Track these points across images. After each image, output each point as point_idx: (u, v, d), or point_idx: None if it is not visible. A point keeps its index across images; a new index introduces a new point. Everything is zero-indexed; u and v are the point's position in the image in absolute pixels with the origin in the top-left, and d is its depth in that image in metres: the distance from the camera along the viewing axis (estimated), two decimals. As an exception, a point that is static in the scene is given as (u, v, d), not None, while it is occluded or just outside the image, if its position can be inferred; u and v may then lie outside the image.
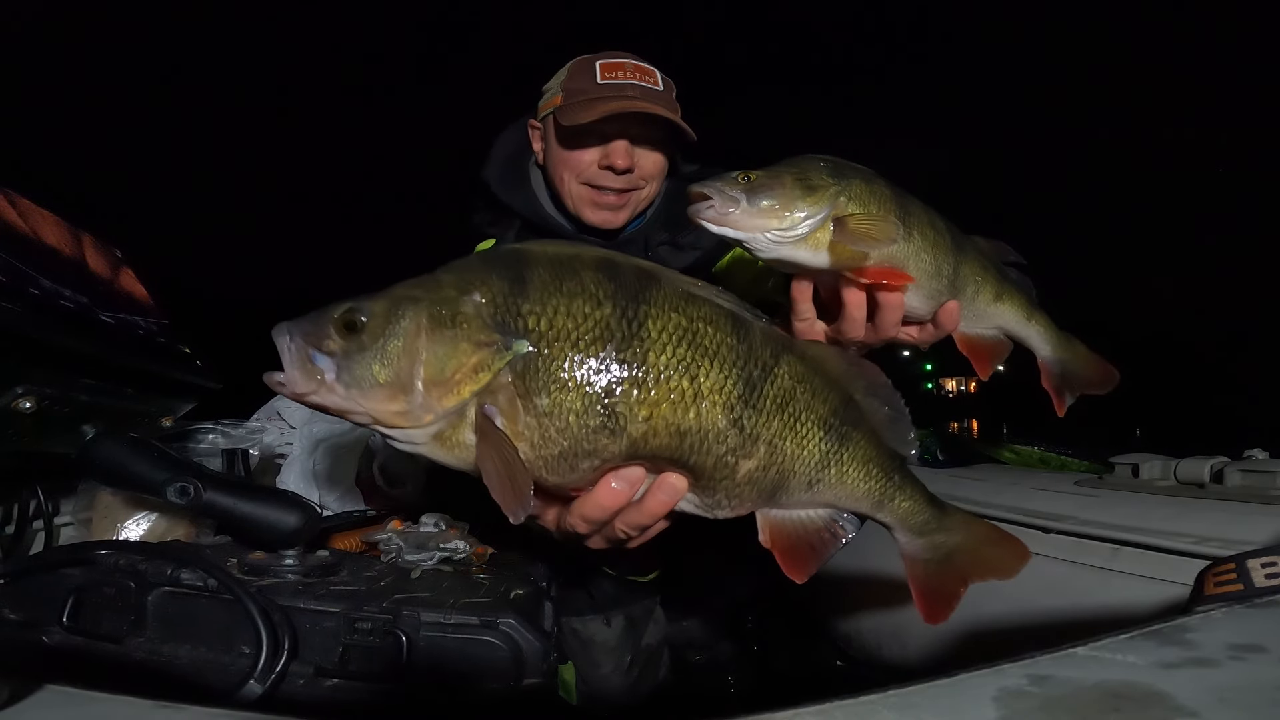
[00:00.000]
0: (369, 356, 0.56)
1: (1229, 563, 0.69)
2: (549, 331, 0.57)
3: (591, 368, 0.57)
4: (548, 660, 0.70)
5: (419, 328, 0.56)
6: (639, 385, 0.57)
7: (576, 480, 0.60)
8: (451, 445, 0.58)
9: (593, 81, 1.19)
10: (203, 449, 1.23)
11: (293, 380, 0.58)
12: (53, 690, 0.42)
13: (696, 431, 0.59)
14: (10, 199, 0.90)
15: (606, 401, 0.57)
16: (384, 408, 0.56)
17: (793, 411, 0.64)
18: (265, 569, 0.79)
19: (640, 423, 0.57)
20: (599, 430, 0.57)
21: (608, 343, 0.57)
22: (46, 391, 0.82)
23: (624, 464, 0.60)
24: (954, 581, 0.78)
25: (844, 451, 0.68)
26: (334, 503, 1.34)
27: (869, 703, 0.39)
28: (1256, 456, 1.30)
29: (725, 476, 0.62)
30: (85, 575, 0.75)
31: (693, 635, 1.68)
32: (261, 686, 0.61)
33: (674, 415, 0.58)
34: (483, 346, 0.56)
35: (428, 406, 0.56)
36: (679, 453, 0.59)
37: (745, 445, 0.62)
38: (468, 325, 0.57)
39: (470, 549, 0.94)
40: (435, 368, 0.56)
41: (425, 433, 0.57)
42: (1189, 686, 0.39)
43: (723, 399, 0.60)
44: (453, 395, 0.56)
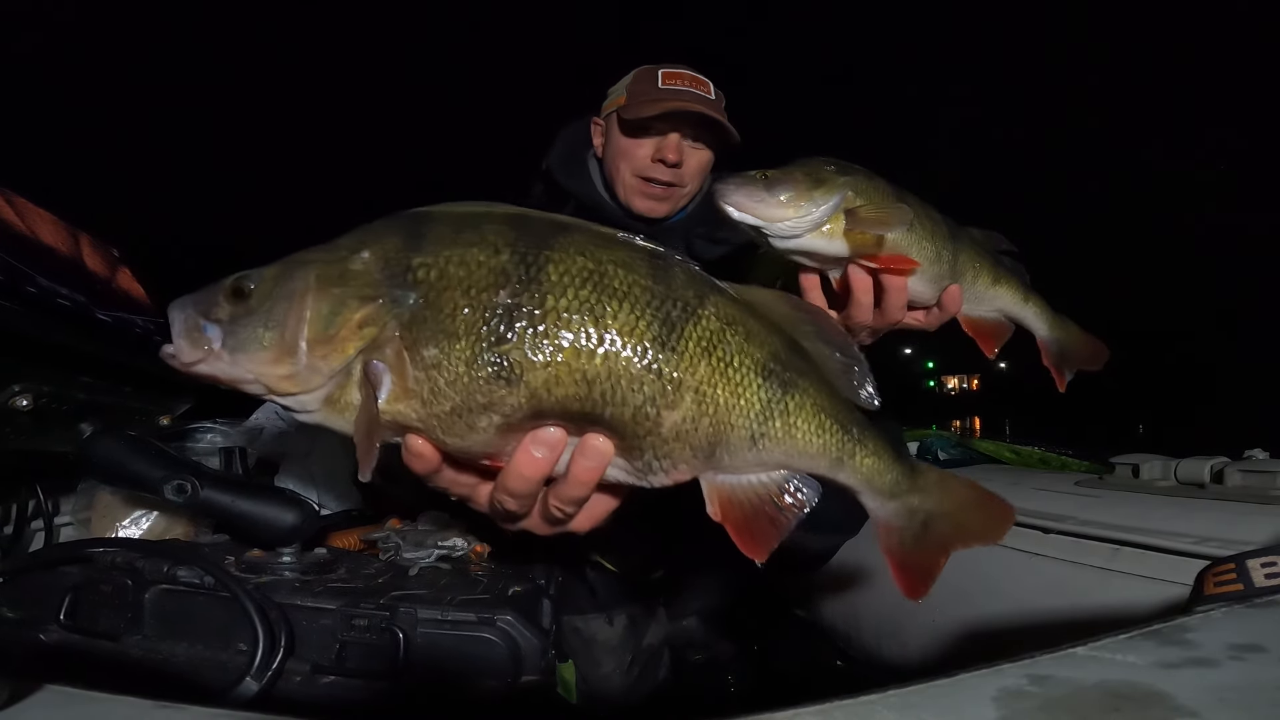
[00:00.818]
0: (255, 320, 0.54)
1: (1229, 563, 0.69)
2: (438, 281, 0.53)
3: (482, 313, 0.53)
4: (545, 658, 0.70)
5: (306, 288, 0.54)
6: (534, 329, 0.53)
7: (480, 443, 0.55)
8: (342, 408, 0.55)
9: (655, 86, 1.36)
10: (201, 448, 1.23)
11: (180, 350, 0.55)
12: (52, 690, 0.42)
13: (606, 378, 0.54)
14: (8, 198, 0.90)
15: (499, 348, 0.52)
16: (271, 371, 0.54)
17: (722, 355, 0.57)
18: (263, 567, 0.79)
19: (539, 369, 0.53)
20: (493, 379, 0.52)
21: (500, 288, 0.53)
22: (44, 389, 0.82)
23: (534, 423, 0.55)
24: (933, 551, 0.71)
25: (789, 400, 0.60)
26: (332, 502, 1.34)
27: (869, 703, 0.38)
28: (1256, 457, 1.30)
29: (649, 431, 0.56)
30: (83, 573, 0.75)
31: (693, 635, 1.68)
32: (258, 684, 0.61)
33: (577, 360, 0.53)
34: (368, 301, 0.53)
35: (314, 367, 0.53)
36: (590, 404, 0.54)
37: (667, 392, 0.55)
38: (355, 282, 0.54)
39: (469, 547, 0.94)
40: (319, 326, 0.53)
41: (316, 397, 0.55)
42: (1189, 686, 0.39)
43: (634, 340, 0.54)
44: (338, 353, 0.53)
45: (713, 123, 1.34)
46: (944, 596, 1.44)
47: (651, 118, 1.33)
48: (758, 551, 0.63)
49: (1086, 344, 1.08)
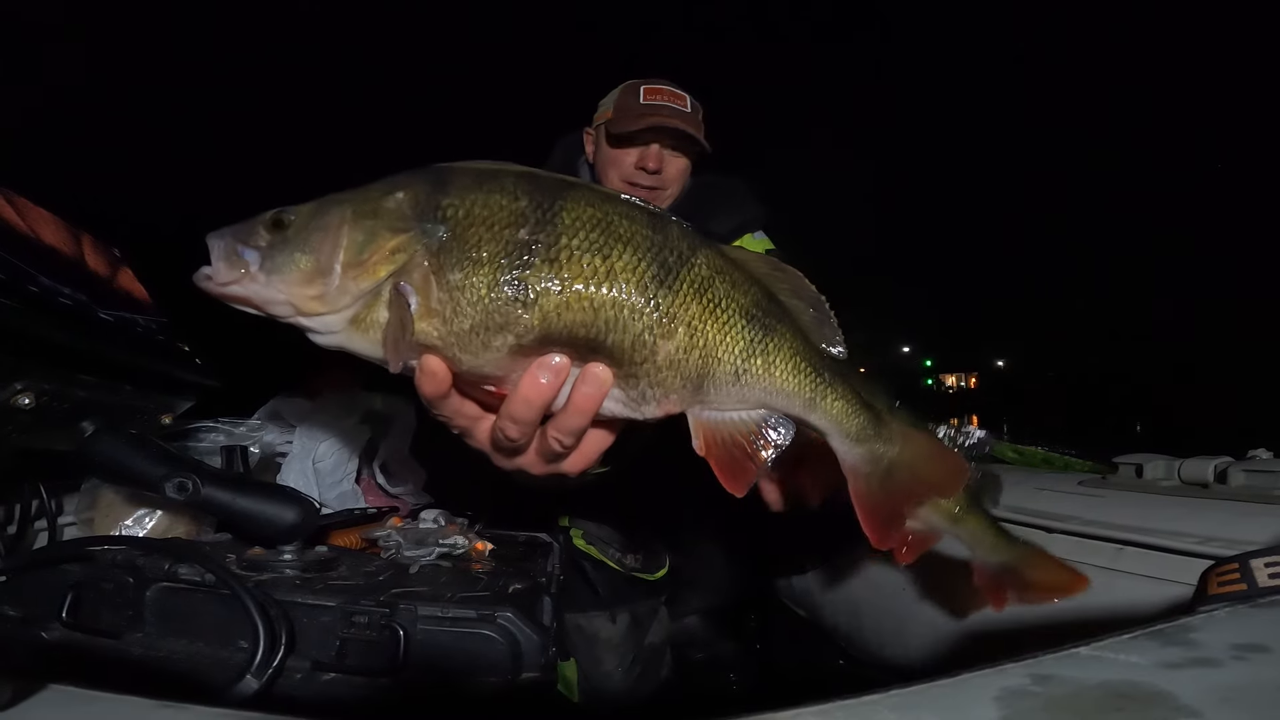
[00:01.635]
0: (292, 245, 0.59)
1: (1232, 563, 0.69)
2: (464, 218, 0.60)
3: (503, 245, 0.59)
4: (546, 655, 0.69)
5: (342, 220, 0.60)
6: (550, 262, 0.59)
7: (491, 363, 0.60)
8: (366, 326, 0.60)
9: (638, 101, 1.52)
10: (202, 446, 1.23)
11: (218, 271, 0.60)
12: (55, 689, 0.42)
13: (611, 306, 0.60)
14: (8, 198, 0.90)
15: (518, 275, 0.58)
16: (302, 291, 0.59)
17: (712, 297, 0.64)
18: (263, 564, 0.79)
19: (553, 295, 0.59)
20: (511, 301, 0.58)
21: (520, 226, 0.60)
22: (46, 388, 0.82)
23: (542, 349, 0.60)
24: (897, 499, 0.74)
25: (769, 341, 0.66)
26: (334, 501, 1.35)
27: (871, 702, 0.38)
28: (1260, 456, 1.30)
29: (646, 359, 0.62)
30: (84, 571, 0.75)
31: (695, 634, 1.69)
32: (258, 681, 0.61)
33: (586, 289, 0.59)
34: (399, 232, 0.59)
35: (344, 289, 0.59)
36: (595, 330, 0.60)
37: (663, 324, 0.62)
38: (387, 216, 0.60)
39: (469, 545, 0.94)
40: (353, 251, 0.59)
41: (342, 317, 0.60)
42: (1192, 686, 0.38)
43: (636, 277, 0.61)
44: (368, 276, 0.59)
45: (687, 134, 1.49)
46: (947, 596, 1.44)
47: (634, 132, 1.49)
48: (736, 486, 0.67)
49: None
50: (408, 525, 0.99)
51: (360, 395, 1.53)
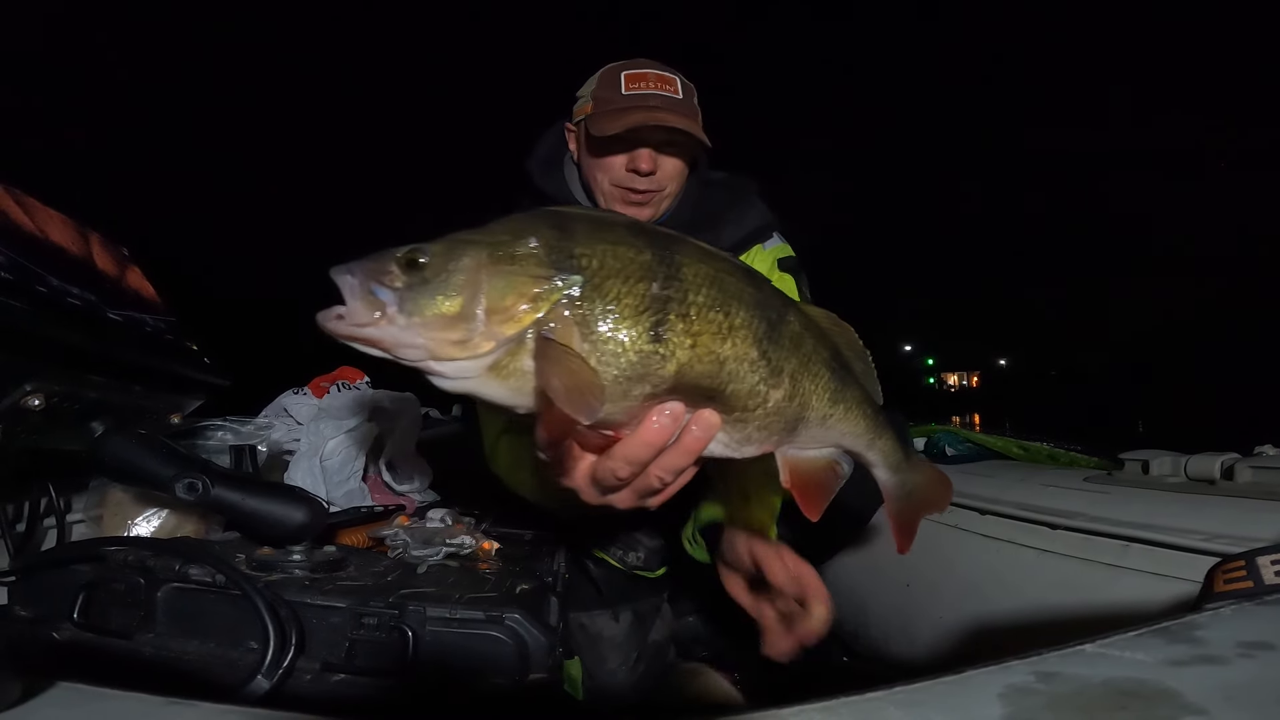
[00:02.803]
0: (432, 289, 0.58)
1: (1239, 560, 0.69)
2: (600, 269, 0.61)
3: (640, 299, 0.61)
4: (553, 655, 0.70)
5: (479, 264, 0.59)
6: (683, 316, 0.62)
7: (625, 409, 0.63)
8: (508, 374, 0.59)
9: (618, 92, 1.30)
10: (211, 446, 1.23)
11: (354, 312, 0.57)
12: (65, 687, 0.43)
13: (733, 360, 0.64)
14: (17, 198, 0.91)
15: (656, 329, 0.61)
16: (443, 336, 0.58)
17: (805, 352, 0.70)
18: (273, 565, 0.79)
19: (686, 349, 0.62)
20: (651, 354, 0.61)
21: (652, 280, 0.62)
22: (55, 389, 0.82)
23: (667, 396, 0.63)
24: (916, 514, 0.87)
25: (846, 391, 0.73)
26: (341, 500, 1.35)
27: (875, 700, 0.38)
28: (1267, 453, 1.29)
29: (758, 406, 0.67)
30: (95, 571, 0.75)
31: (699, 632, 1.69)
32: (269, 682, 0.62)
33: (713, 344, 0.63)
34: (540, 280, 0.59)
35: (489, 334, 0.58)
36: (718, 380, 0.64)
37: (772, 376, 0.67)
38: (525, 262, 0.60)
39: (476, 544, 0.95)
40: (496, 298, 0.58)
41: (480, 364, 0.59)
42: (1198, 684, 0.38)
43: (752, 333, 0.65)
44: (513, 323, 0.58)
45: (680, 130, 1.28)
46: (952, 593, 1.44)
47: (620, 134, 1.27)
48: (814, 512, 0.76)
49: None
50: (415, 524, 1.00)
51: (366, 393, 1.53)
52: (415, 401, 1.64)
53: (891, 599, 1.59)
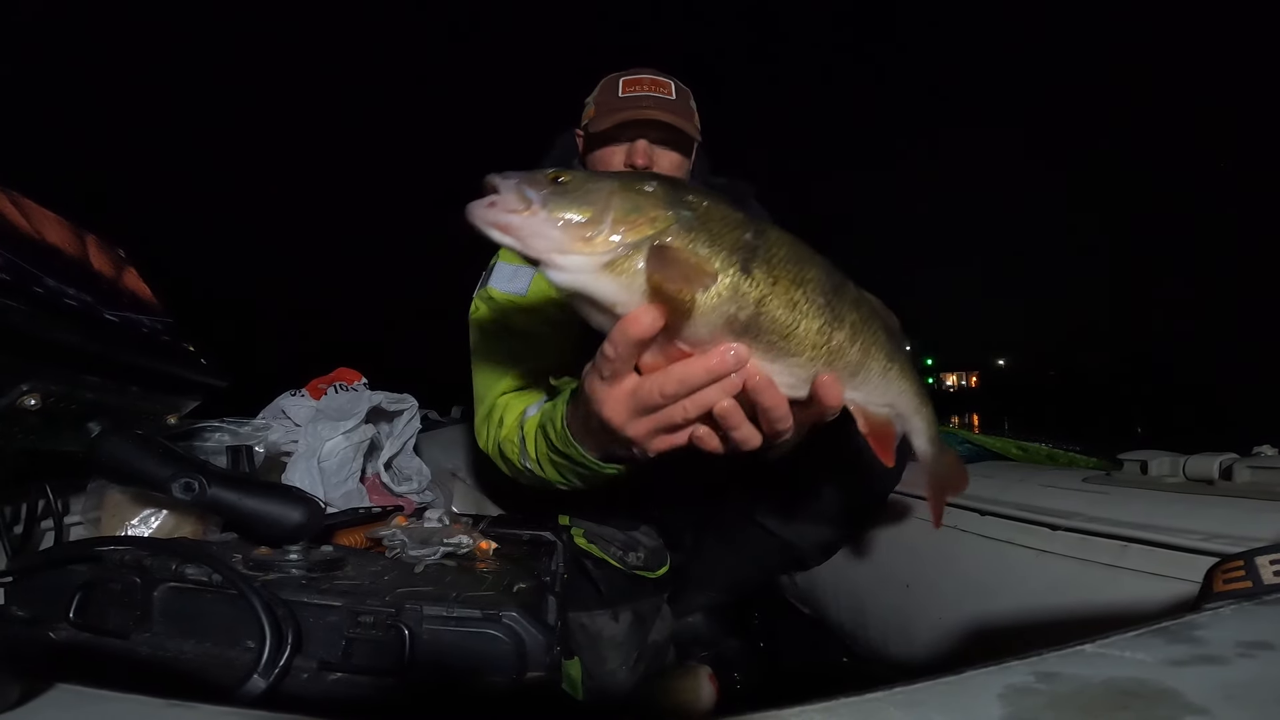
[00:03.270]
0: (571, 197, 0.69)
1: (1238, 560, 0.68)
2: (705, 211, 0.72)
3: (736, 240, 0.72)
4: (551, 654, 0.70)
5: (611, 189, 0.71)
6: (766, 261, 0.72)
7: (710, 331, 0.72)
8: (621, 271, 0.69)
9: (615, 96, 1.45)
10: (208, 446, 1.23)
11: (506, 200, 0.69)
12: (63, 689, 0.42)
13: (804, 302, 0.74)
14: (14, 199, 0.91)
15: (746, 265, 0.71)
16: (574, 232, 0.68)
17: (864, 311, 0.79)
18: (270, 564, 0.79)
19: (768, 285, 0.72)
20: (740, 284, 0.71)
21: (745, 231, 0.72)
22: (52, 389, 0.82)
23: (744, 332, 0.72)
24: (946, 491, 0.97)
25: (900, 353, 0.83)
26: (339, 501, 1.35)
27: (875, 700, 0.38)
28: (1266, 453, 1.29)
29: (824, 344, 0.75)
30: (92, 571, 0.75)
31: (699, 632, 1.69)
32: (265, 681, 0.61)
33: (790, 288, 0.73)
34: (659, 206, 0.71)
35: (610, 237, 0.69)
36: (791, 317, 0.73)
37: (836, 321, 0.76)
38: (648, 195, 0.71)
39: (474, 544, 0.95)
40: (622, 211, 0.69)
41: (597, 260, 0.69)
42: (1197, 684, 0.38)
43: (819, 285, 0.75)
44: (634, 232, 0.69)
45: (672, 124, 1.42)
46: (951, 593, 1.44)
47: (613, 128, 1.42)
48: (889, 457, 0.84)
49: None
50: (412, 524, 1.00)
51: (364, 395, 1.53)
52: (413, 402, 1.64)
53: (891, 599, 1.59)
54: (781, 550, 1.56)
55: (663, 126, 1.43)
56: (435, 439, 2.22)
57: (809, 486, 1.46)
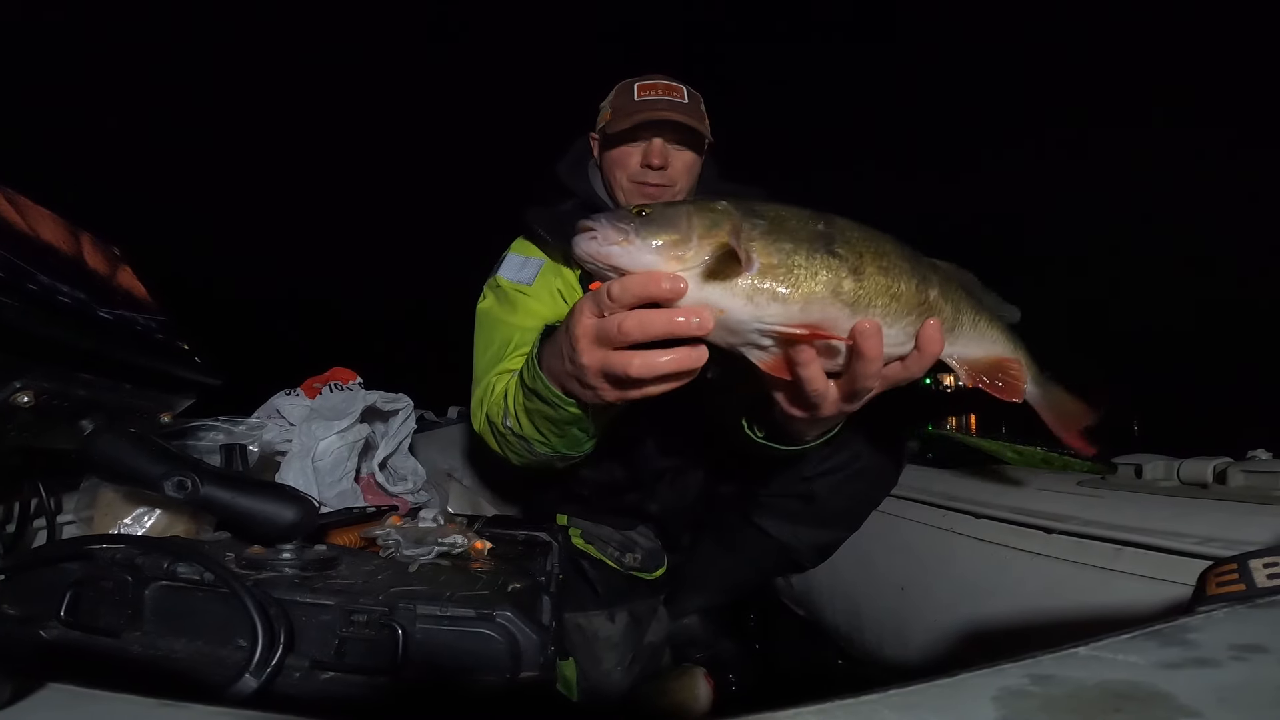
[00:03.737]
0: (658, 225, 0.77)
1: (1231, 563, 0.69)
2: (775, 216, 0.79)
3: (813, 232, 0.79)
4: (545, 653, 0.69)
5: (689, 210, 0.78)
6: (846, 243, 0.80)
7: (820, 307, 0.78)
8: (719, 275, 0.76)
9: (631, 100, 1.51)
10: (202, 445, 1.23)
11: (606, 235, 0.77)
12: (54, 688, 0.42)
13: (894, 270, 0.81)
14: (8, 196, 0.90)
15: (828, 246, 0.79)
16: (669, 252, 0.76)
17: (943, 273, 0.88)
18: (262, 563, 0.79)
19: (856, 258, 0.79)
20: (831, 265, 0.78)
21: (817, 223, 0.81)
22: (44, 387, 0.82)
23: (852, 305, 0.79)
24: (1072, 426, 1.02)
25: (984, 307, 0.92)
26: (333, 500, 1.35)
27: (870, 702, 0.38)
28: (1260, 457, 1.29)
29: (922, 300, 0.83)
30: (83, 569, 0.75)
31: (694, 633, 1.69)
32: (257, 680, 0.61)
33: (877, 259, 0.80)
34: (734, 218, 0.78)
35: (700, 250, 0.76)
36: (890, 282, 0.81)
37: (924, 283, 0.84)
38: (721, 211, 0.78)
39: (469, 544, 0.95)
40: (703, 228, 0.77)
41: (697, 273, 0.76)
42: (1191, 686, 0.38)
43: (901, 256, 0.83)
44: (716, 241, 0.76)
45: (686, 126, 1.48)
46: (946, 596, 1.44)
47: (630, 129, 1.48)
48: (1014, 395, 0.91)
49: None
50: (407, 524, 0.99)
51: (359, 394, 1.53)
52: (408, 402, 1.64)
53: (886, 602, 1.60)
54: (777, 552, 1.56)
55: (677, 127, 1.48)
56: (431, 439, 2.22)
57: (806, 489, 1.47)
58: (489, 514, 1.91)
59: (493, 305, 1.51)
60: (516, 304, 1.47)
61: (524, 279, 1.50)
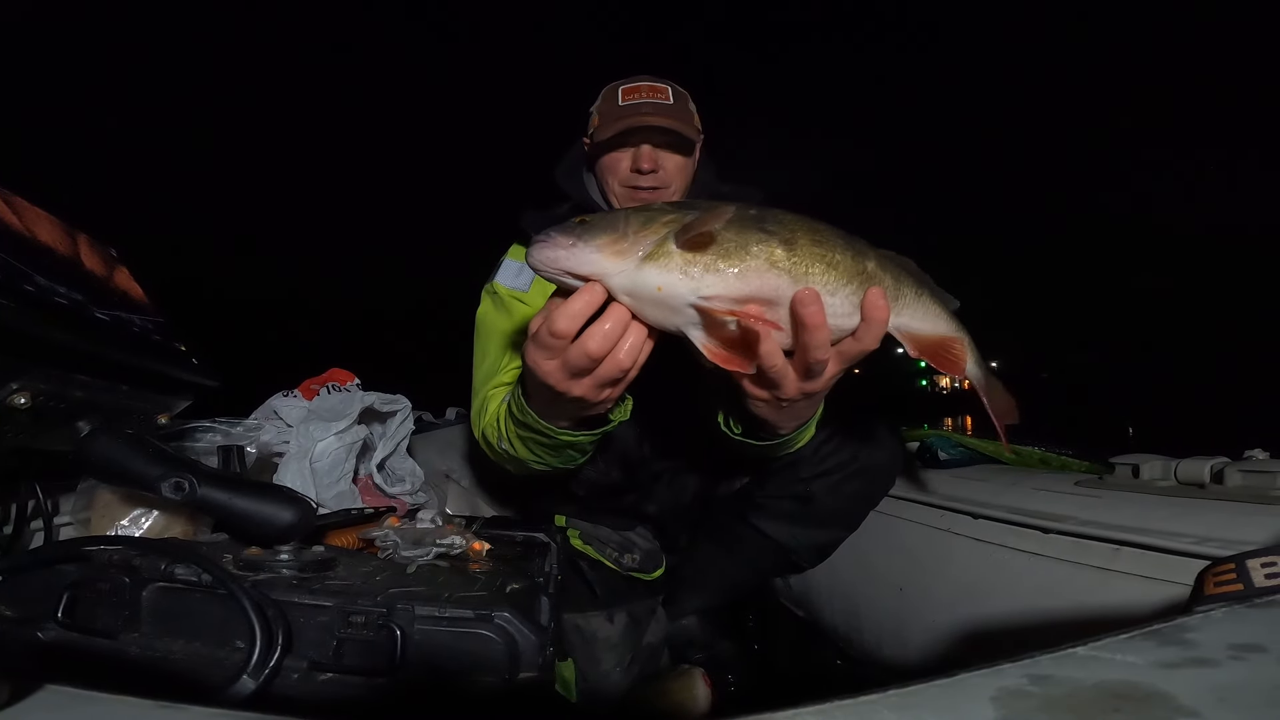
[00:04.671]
0: (598, 228, 0.82)
1: (1229, 563, 0.69)
2: (708, 208, 0.80)
3: (742, 213, 0.82)
4: (544, 655, 0.69)
5: (626, 213, 0.83)
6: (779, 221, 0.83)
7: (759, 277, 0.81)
8: (657, 256, 0.79)
9: (616, 105, 1.49)
10: (199, 446, 1.22)
11: (555, 242, 0.81)
12: (52, 690, 0.42)
13: (828, 246, 0.83)
14: (5, 197, 0.90)
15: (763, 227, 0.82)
16: (610, 249, 0.80)
17: (882, 254, 0.89)
18: (260, 564, 0.79)
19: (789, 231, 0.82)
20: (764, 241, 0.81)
21: (749, 209, 0.83)
22: (41, 388, 0.82)
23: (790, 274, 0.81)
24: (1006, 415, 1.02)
25: (926, 283, 0.92)
26: (331, 501, 1.34)
27: (869, 702, 0.38)
28: (1257, 457, 1.30)
29: (860, 272, 0.84)
30: (80, 571, 0.74)
31: (693, 634, 1.69)
32: (255, 681, 0.61)
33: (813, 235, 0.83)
34: (669, 214, 0.82)
35: (635, 244, 0.80)
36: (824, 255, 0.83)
37: (859, 256, 0.85)
38: (655, 210, 0.83)
39: (467, 545, 0.94)
40: (639, 223, 0.81)
41: (636, 259, 0.79)
42: (1189, 686, 0.38)
43: (834, 232, 0.85)
44: (652, 232, 0.80)
45: (671, 128, 1.46)
46: (945, 596, 1.44)
47: (615, 136, 1.46)
48: (958, 368, 0.92)
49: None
50: (405, 525, 0.99)
51: (356, 395, 1.52)
52: (406, 404, 1.64)
53: (885, 602, 1.60)
54: (776, 553, 1.56)
55: (663, 131, 1.46)
56: (429, 440, 2.22)
57: (804, 490, 1.47)
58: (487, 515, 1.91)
59: (489, 311, 1.52)
60: (513, 310, 1.48)
61: (520, 285, 1.51)
